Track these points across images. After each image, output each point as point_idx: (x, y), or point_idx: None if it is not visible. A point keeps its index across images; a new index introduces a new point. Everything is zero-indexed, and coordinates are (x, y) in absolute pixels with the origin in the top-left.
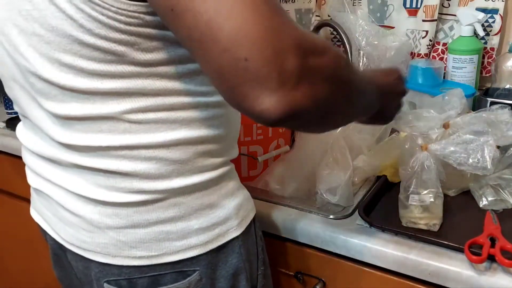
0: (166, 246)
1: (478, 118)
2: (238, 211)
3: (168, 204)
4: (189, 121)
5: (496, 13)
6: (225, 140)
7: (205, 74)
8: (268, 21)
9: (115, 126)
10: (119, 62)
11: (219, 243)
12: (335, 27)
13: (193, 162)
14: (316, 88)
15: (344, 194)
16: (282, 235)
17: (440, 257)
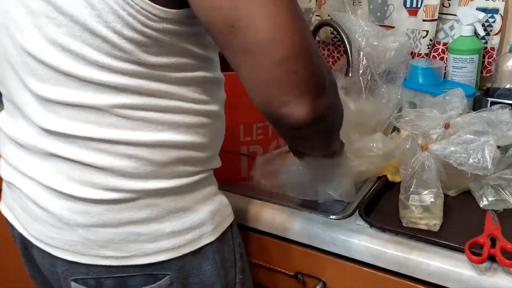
0: (136, 248)
1: (478, 118)
2: (213, 216)
3: (141, 205)
4: (177, 126)
5: (497, 12)
6: (208, 150)
7: (202, 75)
8: (310, 42)
9: (102, 119)
10: (123, 59)
11: (192, 248)
12: (335, 27)
13: (173, 167)
14: (333, 99)
15: (347, 189)
16: (282, 235)
17: (441, 257)
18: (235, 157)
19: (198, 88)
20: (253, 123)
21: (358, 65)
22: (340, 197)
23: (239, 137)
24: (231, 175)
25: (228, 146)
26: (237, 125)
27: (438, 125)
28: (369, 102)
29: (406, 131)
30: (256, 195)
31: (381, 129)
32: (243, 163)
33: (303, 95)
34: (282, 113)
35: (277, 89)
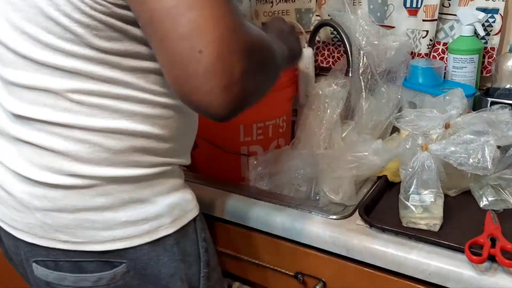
0: (91, 235)
1: (478, 118)
2: (172, 209)
3: (96, 193)
4: (132, 114)
5: (497, 12)
6: (169, 142)
7: (159, 65)
8: (228, 20)
9: (58, 103)
10: (75, 43)
11: (148, 239)
12: (335, 27)
13: (128, 155)
14: (255, 83)
15: (347, 192)
16: (282, 235)
17: (441, 257)
18: (235, 157)
19: (155, 79)
20: (253, 123)
21: (358, 65)
22: (340, 200)
23: (239, 137)
24: (231, 175)
25: (228, 146)
26: (237, 125)
27: (438, 125)
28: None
29: (406, 131)
30: (256, 195)
31: (381, 129)
32: (243, 163)
33: (211, 81)
34: (193, 100)
35: (183, 69)
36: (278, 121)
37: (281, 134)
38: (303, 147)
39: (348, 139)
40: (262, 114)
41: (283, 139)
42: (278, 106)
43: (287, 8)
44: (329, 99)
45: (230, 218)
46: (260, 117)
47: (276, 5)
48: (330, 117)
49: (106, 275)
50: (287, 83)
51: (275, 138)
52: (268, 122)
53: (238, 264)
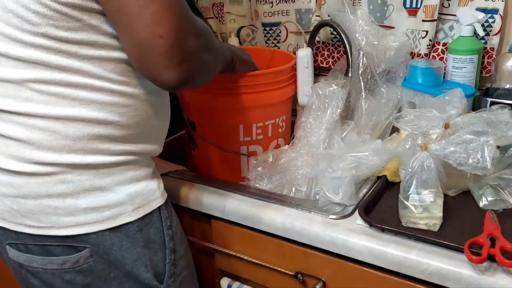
0: (54, 220)
1: (478, 118)
2: (133, 198)
3: (57, 180)
4: (90, 102)
5: (496, 13)
6: (127, 130)
7: (119, 55)
8: (183, 10)
9: (19, 93)
10: (32, 33)
11: (110, 225)
12: (335, 27)
13: (87, 142)
14: (203, 59)
15: (347, 192)
16: (281, 235)
17: (440, 257)
18: (235, 157)
19: (116, 68)
20: (253, 123)
21: (358, 65)
22: (340, 200)
23: (239, 137)
24: (231, 175)
25: (228, 146)
26: (237, 125)
27: (438, 125)
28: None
29: (406, 131)
30: (256, 195)
31: (380, 129)
32: (243, 163)
33: (170, 59)
34: (153, 74)
35: (146, 51)
36: (278, 121)
37: (281, 134)
38: (303, 147)
39: (348, 139)
40: (262, 114)
41: (283, 139)
42: (277, 106)
43: (287, 8)
44: (329, 99)
45: (230, 218)
46: (260, 117)
47: (276, 5)
48: (330, 117)
49: (70, 258)
50: (287, 83)
51: (275, 138)
52: (268, 122)
53: (238, 264)
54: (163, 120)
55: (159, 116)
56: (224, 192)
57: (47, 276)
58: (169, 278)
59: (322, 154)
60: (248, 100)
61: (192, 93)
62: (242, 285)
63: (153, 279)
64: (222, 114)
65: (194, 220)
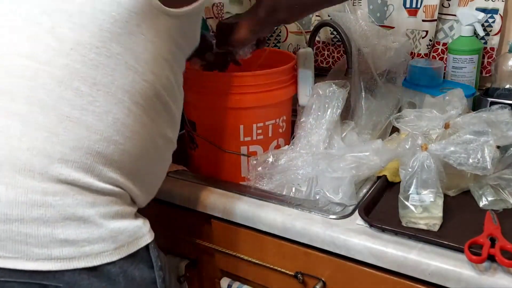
0: (22, 250)
1: (478, 118)
2: (117, 234)
3: (33, 202)
4: (102, 113)
5: (496, 13)
6: (126, 157)
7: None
8: None
9: None
10: None
11: (88, 263)
12: (335, 27)
13: (82, 156)
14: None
15: (347, 192)
16: (281, 235)
17: (440, 257)
18: (235, 157)
19: (144, 92)
20: (253, 123)
21: (358, 65)
22: (340, 200)
23: (239, 137)
24: (231, 175)
25: (228, 146)
26: (237, 125)
27: (438, 125)
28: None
29: (406, 131)
30: (256, 195)
31: (380, 129)
32: (243, 163)
33: None
34: None
35: None
36: (278, 121)
37: (281, 134)
38: (303, 147)
39: (348, 139)
40: (262, 114)
41: (283, 139)
42: (278, 106)
43: None
44: (329, 99)
45: (230, 218)
46: (260, 117)
47: None
48: (330, 117)
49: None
50: (287, 83)
51: (275, 138)
52: (268, 122)
53: (238, 264)
54: (165, 168)
55: (165, 161)
56: (224, 192)
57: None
58: None
59: (322, 154)
60: (248, 100)
61: (193, 93)
62: (242, 285)
63: None
64: (223, 114)
65: (194, 220)
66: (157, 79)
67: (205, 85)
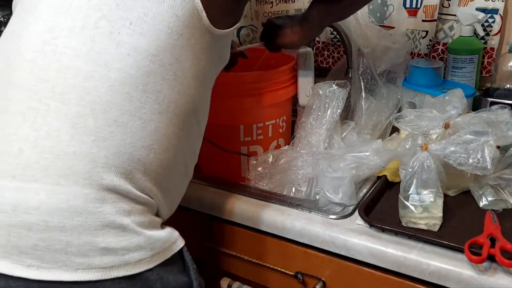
0: (62, 260)
1: (478, 118)
2: (154, 242)
3: (75, 209)
4: (148, 120)
5: (496, 13)
6: (162, 168)
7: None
8: None
9: None
10: None
11: (127, 272)
12: (335, 27)
13: (125, 161)
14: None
15: (347, 192)
16: (281, 235)
17: (440, 257)
18: (235, 157)
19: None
20: (253, 123)
21: (358, 65)
22: (340, 200)
23: (239, 137)
24: (231, 175)
25: (228, 146)
26: (237, 126)
27: (438, 125)
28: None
29: (406, 131)
30: (256, 195)
31: (380, 129)
32: (243, 163)
33: None
34: None
35: None
36: (278, 121)
37: (281, 134)
38: (303, 147)
39: (348, 139)
40: (262, 114)
41: (283, 139)
42: (278, 106)
43: (287, 8)
44: (330, 99)
45: (229, 218)
46: (261, 117)
47: (276, 5)
48: (330, 117)
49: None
50: (287, 83)
51: (275, 138)
52: (269, 122)
53: (238, 264)
54: (183, 186)
55: (190, 172)
56: (224, 192)
57: None
58: None
59: (322, 154)
60: (248, 100)
61: None
62: (242, 285)
63: None
64: (223, 114)
65: (194, 220)
66: (197, 95)
67: None
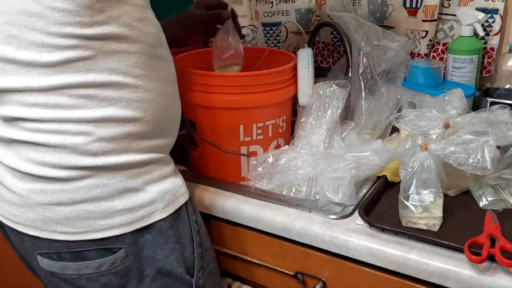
0: (90, 224)
1: (478, 118)
2: (163, 195)
3: (92, 184)
4: (117, 101)
5: (496, 13)
6: (153, 125)
7: (139, 48)
8: None
9: (48, 100)
10: (58, 35)
11: (144, 224)
12: (335, 27)
13: (119, 142)
14: None
15: (347, 192)
16: (281, 235)
17: (440, 257)
18: (235, 157)
19: (138, 62)
20: (253, 123)
21: (358, 65)
22: (340, 200)
23: (239, 137)
24: (231, 175)
25: (228, 146)
26: (237, 125)
27: (438, 125)
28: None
29: (406, 131)
30: (256, 195)
31: (380, 129)
32: (243, 163)
33: None
34: None
35: None
36: (278, 121)
37: (281, 134)
38: (303, 147)
39: (348, 139)
40: (262, 114)
41: (283, 139)
42: (278, 106)
43: (287, 8)
44: (330, 99)
45: (230, 218)
46: (260, 117)
47: (276, 5)
48: (331, 117)
49: (106, 260)
50: (287, 83)
51: (275, 138)
52: (268, 122)
53: (238, 264)
54: (178, 110)
55: (176, 106)
56: (224, 192)
57: (83, 281)
58: (198, 271)
59: (322, 154)
60: (248, 100)
61: (192, 93)
62: (242, 285)
63: (185, 273)
64: (223, 114)
65: None
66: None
67: (205, 85)
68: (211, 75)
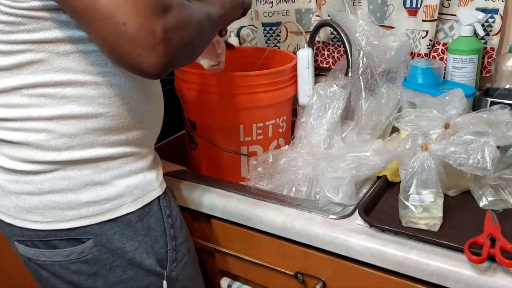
0: (57, 214)
1: (478, 118)
2: (132, 190)
3: (59, 177)
4: (77, 98)
5: (496, 13)
6: (120, 119)
7: (97, 47)
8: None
9: (10, 100)
10: (7, 42)
11: (111, 216)
12: (335, 27)
13: (82, 137)
14: (181, 36)
15: (347, 192)
16: (281, 235)
17: (440, 257)
18: (235, 157)
19: (97, 60)
20: (254, 123)
21: (358, 65)
22: (340, 200)
23: (239, 137)
24: (231, 175)
25: (228, 146)
26: (237, 125)
27: (438, 125)
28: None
29: (406, 131)
30: (256, 195)
31: (380, 129)
32: (243, 163)
33: (140, 46)
34: (130, 65)
35: (113, 42)
36: (279, 121)
37: (281, 134)
38: (303, 147)
39: (348, 139)
40: (262, 114)
41: (283, 139)
42: (278, 106)
43: (287, 8)
44: (330, 99)
45: (230, 218)
46: (261, 117)
47: (276, 5)
48: (331, 118)
49: (75, 250)
50: (287, 83)
51: (275, 138)
52: (269, 122)
53: (238, 264)
54: (156, 103)
55: (151, 100)
56: (224, 192)
57: (55, 268)
58: (171, 263)
59: (322, 154)
60: (248, 100)
61: (193, 93)
62: (242, 285)
63: (156, 265)
64: (223, 114)
65: (194, 220)
66: None
67: (205, 85)
68: (211, 75)
